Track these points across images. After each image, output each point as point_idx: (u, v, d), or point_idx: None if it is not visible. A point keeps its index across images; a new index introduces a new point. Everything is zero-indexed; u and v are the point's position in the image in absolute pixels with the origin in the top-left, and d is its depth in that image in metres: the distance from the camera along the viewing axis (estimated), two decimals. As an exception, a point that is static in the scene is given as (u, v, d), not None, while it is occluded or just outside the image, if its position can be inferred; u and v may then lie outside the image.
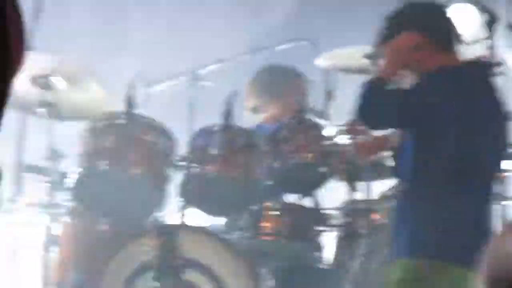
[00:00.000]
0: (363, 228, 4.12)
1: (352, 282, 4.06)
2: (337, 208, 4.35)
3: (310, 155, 4.16)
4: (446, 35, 3.43)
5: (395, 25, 3.45)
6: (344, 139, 4.09)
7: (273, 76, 4.75)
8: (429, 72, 3.29)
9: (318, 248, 4.36)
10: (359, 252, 4.12)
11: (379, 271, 4.01)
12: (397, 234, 3.45)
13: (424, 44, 3.36)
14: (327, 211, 4.31)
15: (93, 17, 6.27)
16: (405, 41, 3.37)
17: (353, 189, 4.15)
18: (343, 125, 4.11)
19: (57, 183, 4.24)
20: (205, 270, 4.08)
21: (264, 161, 4.13)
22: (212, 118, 4.13)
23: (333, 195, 4.51)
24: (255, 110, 4.68)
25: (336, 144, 4.12)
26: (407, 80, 3.38)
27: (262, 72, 4.75)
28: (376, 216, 4.19)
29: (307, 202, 4.31)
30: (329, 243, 4.45)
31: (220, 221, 4.40)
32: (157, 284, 3.94)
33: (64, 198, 4.25)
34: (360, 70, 3.94)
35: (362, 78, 3.52)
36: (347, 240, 4.29)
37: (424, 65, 3.36)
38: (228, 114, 3.98)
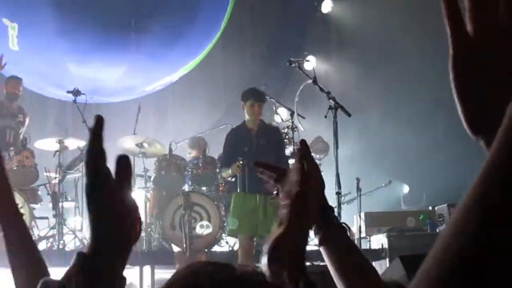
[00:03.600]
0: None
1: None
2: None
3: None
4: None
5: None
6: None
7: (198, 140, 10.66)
8: None
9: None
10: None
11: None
12: None
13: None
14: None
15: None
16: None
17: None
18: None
19: (147, 179, 9.93)
20: (202, 207, 9.41)
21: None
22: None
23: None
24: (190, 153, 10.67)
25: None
26: None
27: (193, 138, 10.61)
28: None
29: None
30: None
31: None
32: (183, 212, 9.15)
33: (150, 184, 9.97)
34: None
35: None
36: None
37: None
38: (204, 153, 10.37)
